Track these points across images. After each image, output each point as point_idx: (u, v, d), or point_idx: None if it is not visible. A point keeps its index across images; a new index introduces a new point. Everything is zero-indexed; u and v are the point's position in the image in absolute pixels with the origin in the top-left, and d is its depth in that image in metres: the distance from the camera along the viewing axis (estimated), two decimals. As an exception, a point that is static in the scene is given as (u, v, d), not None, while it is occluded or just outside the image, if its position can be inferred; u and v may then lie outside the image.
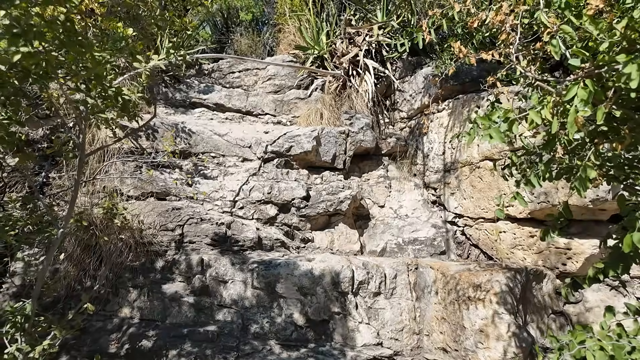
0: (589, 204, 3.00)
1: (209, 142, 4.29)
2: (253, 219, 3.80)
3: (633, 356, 1.03)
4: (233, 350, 2.71)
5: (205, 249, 3.25)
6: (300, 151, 4.20)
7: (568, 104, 1.08)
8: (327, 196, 4.04)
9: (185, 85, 5.25)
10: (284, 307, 2.96)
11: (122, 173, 3.82)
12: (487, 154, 3.64)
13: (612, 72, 1.01)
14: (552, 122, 1.11)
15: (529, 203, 3.36)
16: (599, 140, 1.12)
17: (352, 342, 2.90)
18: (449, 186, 4.12)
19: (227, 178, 4.09)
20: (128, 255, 3.09)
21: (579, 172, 1.08)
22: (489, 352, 2.65)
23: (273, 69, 5.32)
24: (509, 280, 2.73)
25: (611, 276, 1.61)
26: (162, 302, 2.94)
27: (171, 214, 3.42)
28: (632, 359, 1.03)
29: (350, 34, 5.10)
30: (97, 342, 2.76)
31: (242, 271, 3.03)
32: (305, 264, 3.07)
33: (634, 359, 1.03)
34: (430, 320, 3.02)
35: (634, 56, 0.94)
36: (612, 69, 1.01)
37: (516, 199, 1.43)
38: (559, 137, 1.18)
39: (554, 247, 3.29)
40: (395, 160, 4.71)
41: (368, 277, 3.09)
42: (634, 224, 1.11)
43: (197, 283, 3.01)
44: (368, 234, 4.26)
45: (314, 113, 4.72)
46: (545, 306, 3.08)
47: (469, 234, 3.91)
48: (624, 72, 0.91)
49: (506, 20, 1.21)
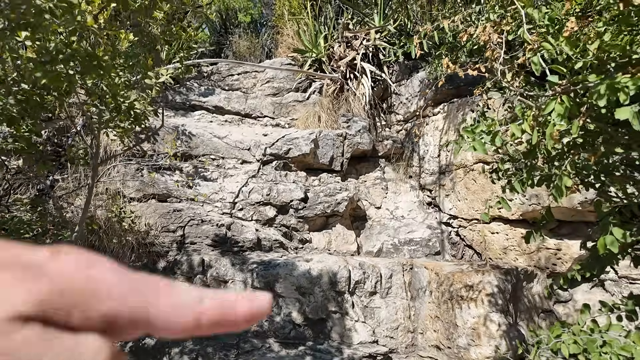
0: (577, 206, 3.10)
1: (209, 144, 4.36)
2: (252, 220, 3.89)
3: (604, 349, 1.13)
4: (233, 347, 2.79)
5: (206, 250, 3.34)
6: (298, 153, 4.28)
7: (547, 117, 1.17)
8: (324, 198, 4.13)
9: (185, 88, 5.32)
10: (283, 307, 3.04)
11: (124, 175, 3.90)
12: (480, 157, 3.74)
13: (585, 89, 1.10)
14: (532, 135, 1.20)
15: (520, 205, 3.46)
16: (575, 151, 1.22)
17: (349, 340, 2.99)
18: (443, 188, 4.22)
19: (226, 180, 4.17)
20: (131, 256, 3.17)
21: (556, 180, 1.18)
22: (480, 350, 2.75)
23: (271, 72, 5.40)
24: (500, 280, 2.83)
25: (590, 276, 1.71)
26: (164, 301, 3.02)
27: (172, 216, 3.50)
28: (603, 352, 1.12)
29: (348, 38, 5.19)
30: (101, 341, 2.84)
31: (242, 271, 3.12)
32: (304, 265, 3.16)
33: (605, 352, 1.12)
34: (425, 318, 3.12)
35: (603, 77, 1.03)
36: (585, 87, 1.10)
37: (501, 204, 1.52)
38: (539, 147, 1.27)
39: (544, 248, 3.39)
40: (391, 162, 4.80)
41: (364, 277, 3.18)
42: (607, 228, 1.20)
43: (198, 283, 3.10)
44: (365, 235, 4.35)
45: (312, 116, 4.81)
46: (536, 305, 3.18)
47: (463, 235, 4.01)
48: (595, 90, 1.00)
49: (490, 39, 1.30)
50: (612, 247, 1.20)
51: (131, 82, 1.48)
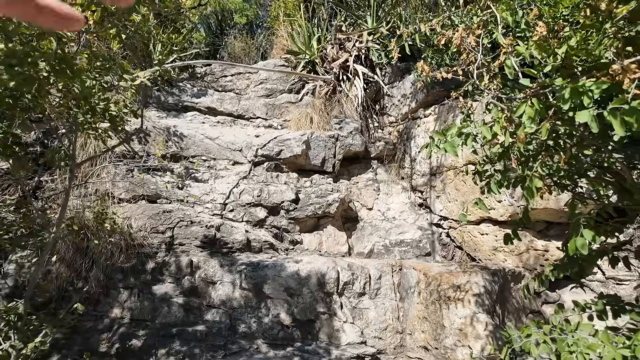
0: (564, 208, 3.12)
1: (201, 145, 4.37)
2: (243, 221, 3.89)
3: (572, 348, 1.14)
4: (221, 349, 2.79)
5: (194, 251, 3.34)
6: (290, 155, 4.29)
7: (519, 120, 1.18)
8: (316, 199, 4.13)
9: (177, 89, 5.33)
10: (271, 308, 3.05)
11: (114, 176, 3.90)
12: (470, 158, 3.76)
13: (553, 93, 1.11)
14: (505, 137, 1.21)
15: (509, 207, 3.48)
16: (545, 153, 1.23)
17: (337, 341, 2.99)
18: (434, 189, 4.24)
19: (217, 181, 4.17)
20: (119, 257, 3.16)
21: (527, 182, 1.19)
22: (467, 351, 2.76)
23: (265, 73, 5.42)
24: (487, 281, 2.84)
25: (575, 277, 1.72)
26: (152, 302, 3.02)
27: (162, 217, 3.50)
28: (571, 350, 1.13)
29: (341, 40, 5.21)
30: (88, 342, 2.84)
31: (231, 272, 3.12)
32: (293, 266, 3.16)
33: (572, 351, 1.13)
34: (413, 319, 3.13)
35: (569, 80, 1.05)
36: (553, 90, 1.11)
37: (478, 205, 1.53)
38: (512, 149, 1.29)
39: (533, 249, 3.41)
40: (383, 164, 4.82)
41: (353, 278, 3.19)
42: (578, 230, 1.22)
43: (186, 284, 3.10)
44: (356, 236, 4.36)
45: (304, 117, 4.82)
46: (524, 306, 3.19)
47: (454, 236, 4.02)
48: (559, 95, 1.02)
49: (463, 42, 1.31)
50: (582, 249, 1.21)
51: (107, 84, 1.48)
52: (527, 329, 1.32)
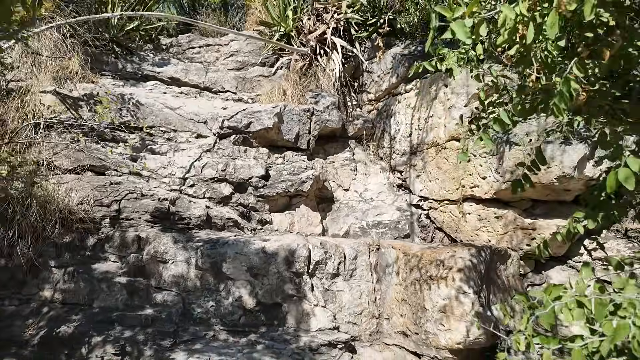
0: (554, 182, 2.91)
1: (159, 115, 3.91)
2: (205, 197, 3.48)
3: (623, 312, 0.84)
4: (170, 336, 2.38)
5: (144, 226, 2.90)
6: (260, 128, 3.91)
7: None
8: (288, 176, 3.77)
9: (138, 57, 4.82)
10: (232, 290, 2.66)
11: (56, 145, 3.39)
12: (453, 134, 3.51)
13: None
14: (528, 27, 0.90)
15: (494, 183, 3.25)
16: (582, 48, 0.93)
17: (307, 326, 2.65)
18: (414, 168, 3.97)
19: (177, 154, 3.74)
20: (52, 231, 2.69)
21: (559, 87, 0.88)
22: (450, 335, 2.48)
23: (236, 45, 5.00)
24: (473, 257, 2.57)
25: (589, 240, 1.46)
26: (89, 283, 2.56)
27: (108, 189, 3.04)
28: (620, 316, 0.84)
29: (318, 10, 4.86)
30: (9, 329, 2.37)
31: (186, 250, 2.71)
32: (258, 243, 2.79)
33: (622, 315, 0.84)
34: (391, 302, 2.83)
35: None
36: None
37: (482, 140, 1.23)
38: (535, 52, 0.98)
39: (518, 227, 3.19)
40: (361, 143, 4.52)
41: (326, 257, 2.85)
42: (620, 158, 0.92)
43: (132, 262, 2.66)
44: (331, 217, 4.03)
45: (277, 90, 4.45)
46: (509, 287, 2.96)
47: (434, 217, 3.77)
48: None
49: None
50: (627, 183, 0.92)
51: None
52: (554, 290, 1.02)
